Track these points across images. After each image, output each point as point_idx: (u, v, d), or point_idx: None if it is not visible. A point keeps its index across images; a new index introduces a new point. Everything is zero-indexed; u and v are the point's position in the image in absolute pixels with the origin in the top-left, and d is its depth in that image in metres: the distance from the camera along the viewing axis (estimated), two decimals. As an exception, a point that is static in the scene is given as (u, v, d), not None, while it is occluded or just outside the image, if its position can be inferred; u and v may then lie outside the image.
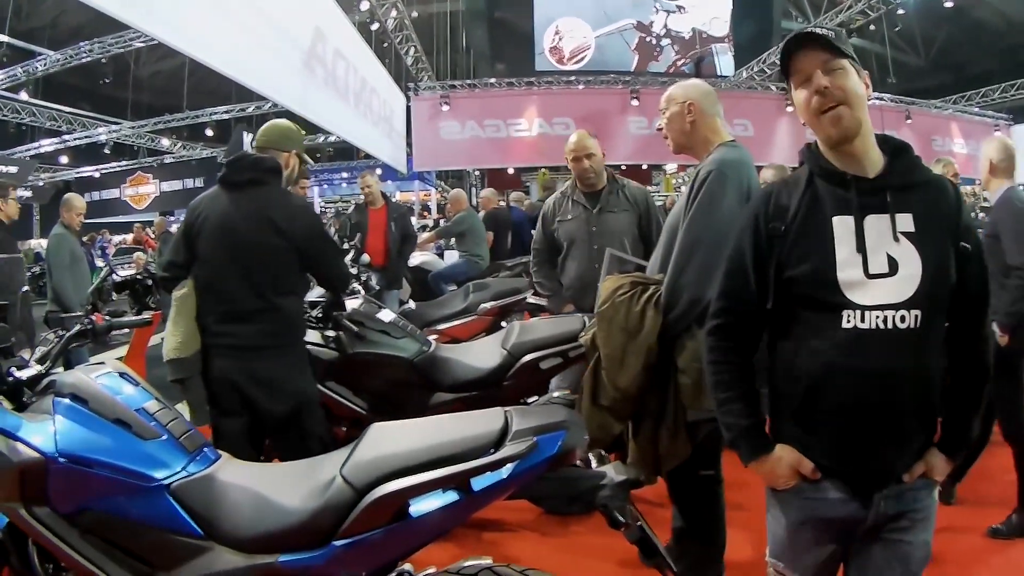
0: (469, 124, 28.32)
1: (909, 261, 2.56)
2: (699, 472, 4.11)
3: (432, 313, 8.37)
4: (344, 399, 5.41)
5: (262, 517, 2.60)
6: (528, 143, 29.10)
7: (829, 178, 2.69)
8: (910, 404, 2.61)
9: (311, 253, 4.63)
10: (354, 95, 19.46)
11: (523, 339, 5.40)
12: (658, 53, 36.90)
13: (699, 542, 4.29)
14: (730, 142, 4.18)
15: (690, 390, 3.75)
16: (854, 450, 2.64)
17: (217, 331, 4.49)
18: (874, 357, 2.54)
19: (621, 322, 3.85)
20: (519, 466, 2.52)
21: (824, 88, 2.60)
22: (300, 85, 14.92)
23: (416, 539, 2.63)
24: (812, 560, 2.84)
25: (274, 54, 13.52)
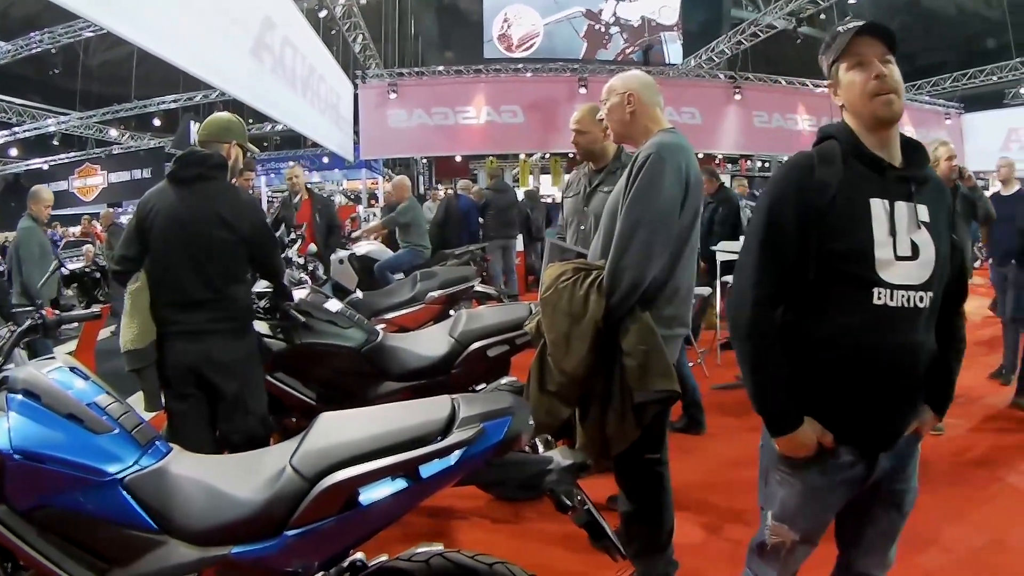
0: (417, 112, 28.14)
1: (927, 248, 2.77)
2: (645, 455, 4.15)
3: (380, 302, 8.37)
4: (293, 389, 5.43)
5: (214, 509, 2.59)
6: (476, 131, 29.05)
7: (866, 161, 2.83)
8: (917, 375, 2.86)
9: (257, 247, 4.77)
10: (302, 83, 19.30)
11: (470, 327, 5.45)
12: (607, 41, 36.90)
13: (647, 525, 4.31)
14: (669, 129, 4.21)
15: (636, 372, 3.75)
16: (875, 415, 2.85)
17: (172, 320, 4.61)
18: (899, 332, 2.77)
19: (565, 307, 3.87)
20: (466, 452, 2.55)
21: (884, 75, 2.78)
22: (248, 73, 14.81)
23: (367, 527, 2.63)
24: (818, 522, 3.04)
25: (223, 42, 13.39)
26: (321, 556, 2.66)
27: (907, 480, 3.03)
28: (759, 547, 3.17)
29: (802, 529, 3.02)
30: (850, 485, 2.93)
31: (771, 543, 3.09)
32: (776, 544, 3.07)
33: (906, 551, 4.81)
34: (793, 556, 3.09)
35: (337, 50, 26.38)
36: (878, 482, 2.94)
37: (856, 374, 2.79)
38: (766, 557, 3.14)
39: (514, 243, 15.75)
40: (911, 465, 3.04)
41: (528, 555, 4.71)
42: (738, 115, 30.09)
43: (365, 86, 28.15)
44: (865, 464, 2.89)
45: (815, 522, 3.03)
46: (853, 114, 2.89)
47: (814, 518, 3.02)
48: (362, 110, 28.14)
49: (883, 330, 2.73)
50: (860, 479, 2.92)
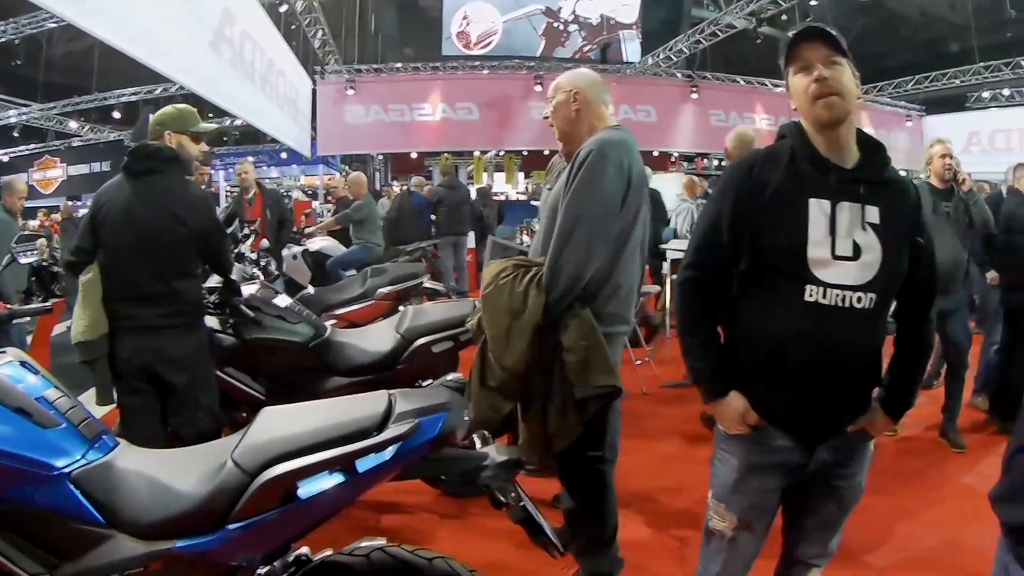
0: (374, 108, 28.11)
1: (871, 249, 2.79)
2: (586, 452, 4.16)
3: (330, 298, 8.38)
4: (243, 384, 5.42)
5: (159, 503, 2.58)
6: (431, 128, 29.01)
7: (811, 161, 2.87)
8: (858, 372, 2.92)
9: (207, 242, 4.79)
10: (260, 77, 19.17)
11: (416, 323, 5.45)
12: (565, 39, 36.89)
13: (590, 522, 4.34)
14: (614, 126, 4.23)
15: (576, 367, 3.78)
16: (806, 407, 2.91)
17: (123, 314, 4.63)
18: (831, 330, 2.79)
19: (505, 304, 3.88)
20: (402, 447, 2.56)
21: (824, 78, 2.79)
22: (207, 67, 14.69)
23: (307, 520, 2.64)
24: (753, 502, 3.07)
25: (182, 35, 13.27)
26: (263, 549, 2.66)
27: (850, 477, 3.05)
28: (705, 534, 3.22)
29: (738, 509, 3.06)
30: (787, 470, 2.98)
31: (712, 526, 3.15)
32: (718, 528, 3.13)
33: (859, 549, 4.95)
34: (736, 545, 3.12)
35: (297, 45, 26.25)
36: (818, 473, 2.98)
37: (787, 364, 2.85)
38: (711, 542, 3.19)
39: (465, 240, 15.79)
40: (857, 463, 3.06)
41: (474, 551, 4.75)
42: (695, 114, 30.24)
43: (323, 82, 28.03)
44: (802, 452, 2.94)
45: (750, 502, 3.06)
46: (802, 116, 2.94)
47: (748, 497, 3.05)
48: (320, 106, 28.01)
49: (814, 326, 2.77)
50: (797, 466, 2.96)
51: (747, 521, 3.08)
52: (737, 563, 3.18)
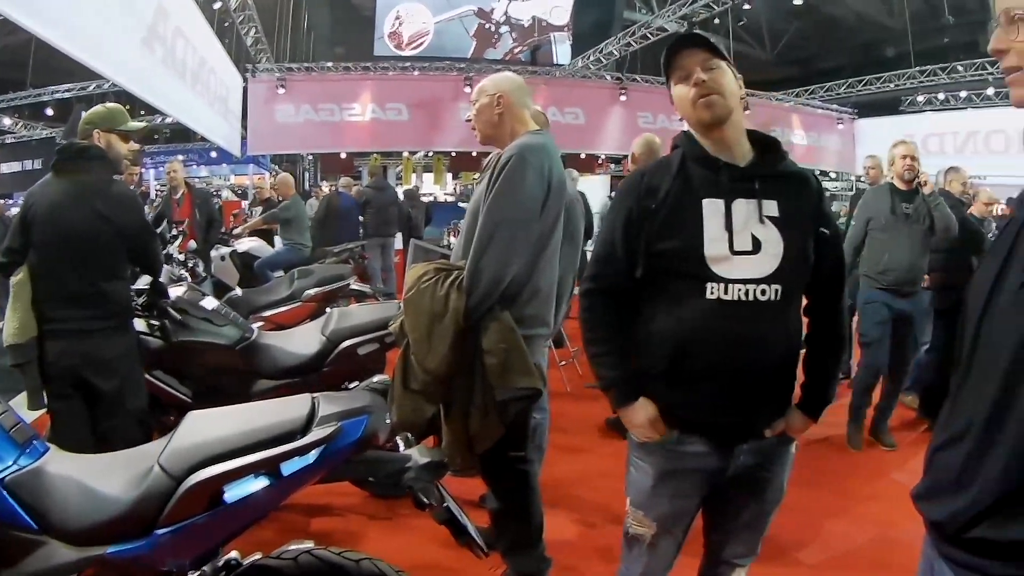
0: (304, 108, 27.79)
1: (772, 242, 2.82)
2: (509, 453, 4.20)
3: (258, 300, 8.36)
4: (170, 387, 5.38)
5: (89, 509, 2.56)
6: (361, 128, 28.81)
7: (702, 163, 2.92)
8: (769, 368, 2.89)
9: (134, 241, 4.76)
10: (192, 75, 18.83)
11: (341, 325, 5.47)
12: (496, 40, 36.83)
13: (516, 522, 4.39)
14: (536, 131, 4.27)
15: (496, 370, 3.82)
16: (718, 408, 2.89)
17: (52, 316, 4.58)
18: (736, 325, 2.80)
19: (427, 307, 3.90)
20: (325, 450, 2.59)
21: (702, 81, 2.84)
22: (139, 64, 14.40)
23: (234, 524, 2.65)
24: (672, 508, 3.08)
25: (116, 32, 13.00)
26: (192, 554, 2.66)
27: (772, 479, 3.07)
28: (625, 538, 3.23)
29: (657, 516, 3.09)
30: (704, 475, 3.00)
31: (632, 532, 3.17)
32: (638, 534, 3.14)
33: (788, 546, 5.04)
34: (656, 549, 3.15)
35: (230, 43, 25.85)
36: (738, 476, 2.99)
37: (694, 365, 2.85)
38: (631, 548, 3.21)
39: (393, 241, 15.70)
40: (778, 465, 3.08)
41: (402, 552, 4.77)
42: (623, 116, 30.28)
43: (255, 80, 27.63)
44: (719, 455, 2.95)
45: (670, 509, 3.08)
46: (688, 123, 3.00)
47: (667, 506, 3.07)
48: (251, 104, 27.61)
49: (718, 324, 2.79)
50: (715, 470, 2.97)
51: (667, 526, 3.11)
52: (659, 564, 3.21)
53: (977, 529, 1.74)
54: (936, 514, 1.89)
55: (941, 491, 1.88)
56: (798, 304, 2.98)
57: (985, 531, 1.73)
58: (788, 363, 2.96)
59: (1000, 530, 1.70)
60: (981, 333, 1.80)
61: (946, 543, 1.86)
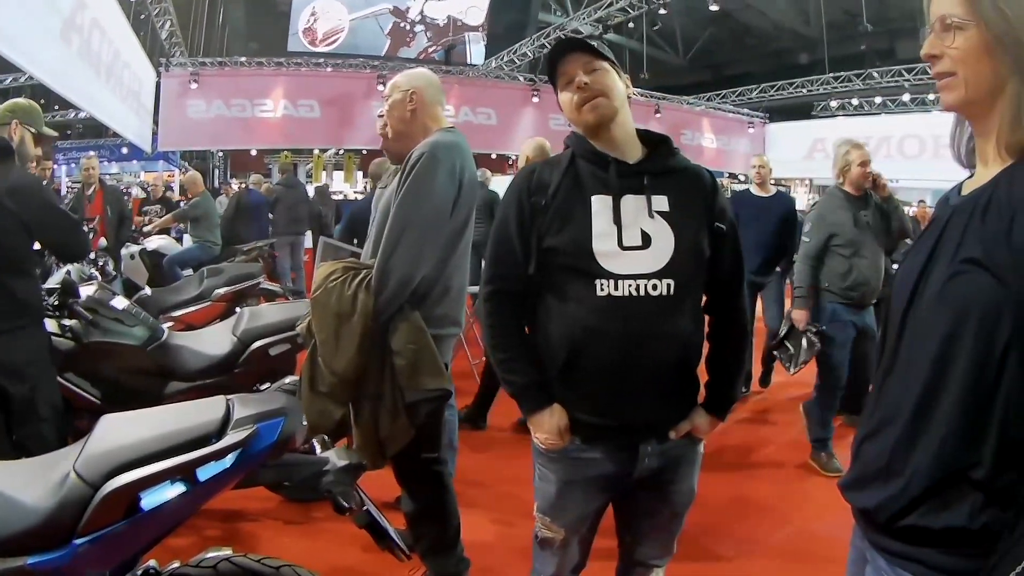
0: (216, 103, 27.35)
1: (662, 236, 2.80)
2: (422, 455, 4.18)
3: (168, 299, 8.21)
4: (81, 390, 5.20)
5: (7, 518, 2.44)
6: (273, 124, 28.52)
7: (592, 159, 2.91)
8: (666, 364, 2.86)
9: (39, 225, 4.49)
10: (106, 69, 18.32)
11: (252, 325, 5.40)
12: (411, 39, 36.79)
13: (432, 524, 4.36)
14: (448, 128, 4.26)
15: (406, 371, 3.80)
16: (617, 407, 2.85)
17: None
18: (628, 321, 2.76)
19: (334, 307, 3.86)
20: (242, 454, 2.52)
21: (584, 84, 2.83)
22: (55, 57, 13.98)
23: (152, 532, 2.59)
24: (579, 513, 3.07)
25: (35, 22, 12.64)
26: (111, 564, 2.59)
27: (680, 481, 3.06)
28: (535, 540, 3.22)
29: (565, 522, 3.08)
30: (607, 480, 2.98)
31: (542, 536, 3.16)
32: (547, 538, 3.13)
33: (709, 542, 5.08)
34: (567, 551, 3.15)
35: (145, 35, 25.48)
36: (645, 480, 2.98)
37: (589, 363, 2.83)
38: (543, 549, 3.20)
39: (303, 239, 15.66)
40: (686, 467, 3.06)
41: (320, 556, 4.80)
42: (535, 117, 30.39)
43: (168, 74, 27.09)
44: (624, 460, 2.92)
45: (577, 514, 3.07)
46: (576, 127, 3.00)
47: (573, 511, 3.06)
48: (163, 99, 27.02)
49: (611, 320, 2.76)
50: (619, 475, 2.95)
51: (575, 529, 3.11)
52: (570, 562, 3.21)
53: (910, 517, 1.77)
54: (865, 502, 1.92)
55: (870, 480, 1.90)
56: (694, 301, 2.95)
57: (918, 519, 1.76)
58: (686, 361, 2.94)
59: (933, 517, 1.73)
60: (907, 324, 1.83)
61: (878, 532, 1.90)
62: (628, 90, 2.97)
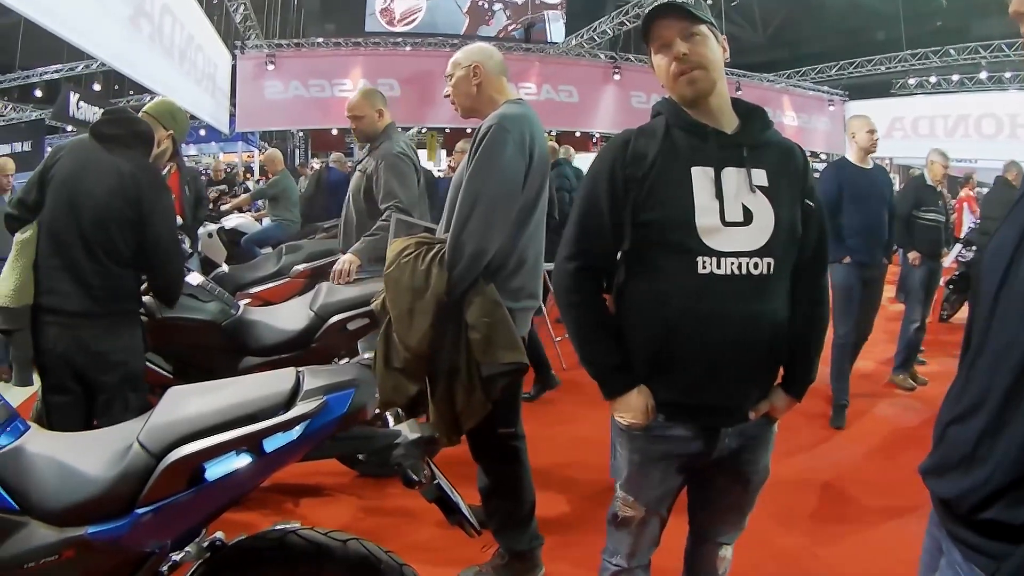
0: (293, 84, 27.65)
1: (763, 213, 2.71)
2: (498, 430, 4.17)
3: (245, 276, 8.26)
4: (155, 365, 5.25)
5: (69, 488, 2.49)
6: (351, 103, 28.54)
7: (689, 129, 2.80)
8: (761, 346, 2.79)
9: (148, 236, 4.39)
10: (179, 53, 18.68)
11: (329, 300, 5.37)
12: (489, 17, 36.92)
13: (506, 500, 4.34)
14: (515, 100, 4.21)
15: (481, 345, 3.77)
16: (707, 389, 2.79)
17: (50, 287, 4.25)
18: (728, 301, 2.68)
19: (407, 282, 3.85)
20: (309, 426, 2.50)
21: (683, 55, 2.71)
22: (126, 43, 14.26)
23: (215, 502, 2.59)
24: (661, 492, 3.02)
25: (102, 10, 12.86)
26: (173, 533, 2.60)
27: (755, 460, 3.02)
28: (612, 518, 3.18)
29: (646, 500, 3.03)
30: (689, 459, 2.93)
31: (621, 515, 3.11)
32: (626, 517, 3.09)
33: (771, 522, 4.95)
34: (645, 529, 3.10)
35: (219, 20, 25.84)
36: (723, 459, 2.93)
37: (683, 344, 2.75)
38: (619, 529, 3.15)
39: (410, 216, 15.48)
40: (762, 447, 3.02)
41: (390, 531, 4.82)
42: (616, 95, 30.27)
43: (243, 57, 27.48)
44: (704, 440, 2.87)
45: (657, 493, 3.02)
46: (671, 94, 2.88)
47: (654, 489, 3.01)
48: (239, 81, 27.46)
49: (711, 299, 2.68)
50: (699, 454, 2.90)
51: (655, 509, 3.06)
52: (645, 542, 3.16)
53: (991, 510, 1.67)
54: (945, 491, 1.84)
55: (951, 467, 1.82)
56: (787, 280, 2.87)
57: (998, 513, 1.66)
58: (777, 342, 2.85)
59: (1014, 512, 1.63)
60: (999, 305, 1.71)
61: (955, 523, 1.80)
62: (724, 54, 2.85)
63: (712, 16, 2.79)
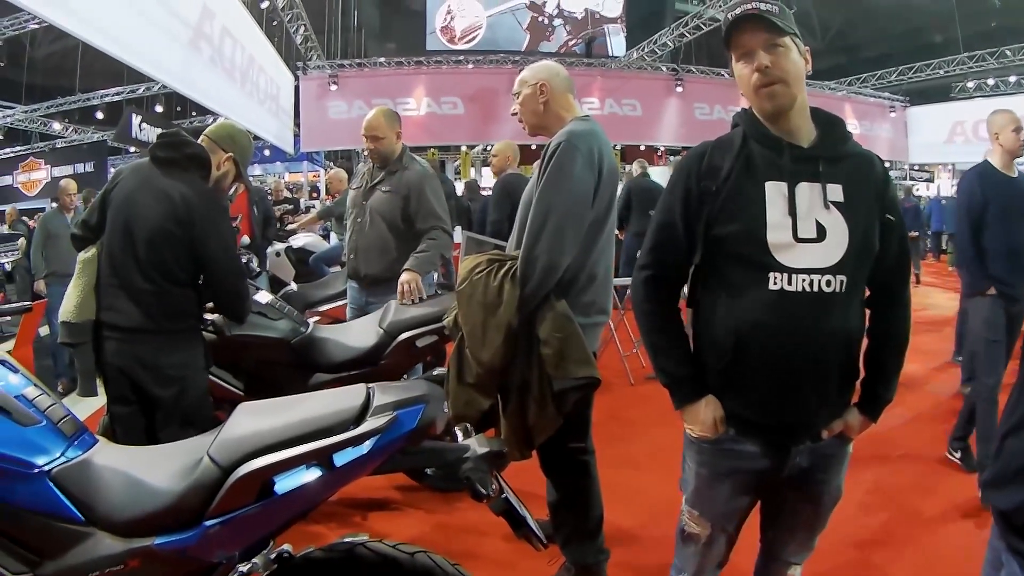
0: (357, 103, 27.68)
1: (837, 229, 2.67)
2: (569, 444, 4.18)
3: (313, 294, 8.33)
4: (224, 382, 5.34)
5: (136, 500, 2.55)
6: (416, 122, 28.61)
7: (765, 142, 2.78)
8: (832, 364, 2.74)
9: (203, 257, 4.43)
10: (240, 74, 19.00)
11: (399, 318, 5.40)
12: (550, 33, 36.95)
13: (574, 513, 4.34)
14: (583, 116, 4.22)
15: (553, 360, 3.77)
16: (777, 406, 2.77)
17: (108, 304, 4.35)
18: (800, 318, 2.65)
19: (480, 298, 3.87)
20: (380, 440, 2.53)
21: (765, 67, 2.68)
22: (186, 65, 14.57)
23: (284, 515, 2.62)
24: (728, 508, 3.00)
25: (160, 32, 13.15)
26: (241, 545, 2.64)
27: (827, 482, 2.96)
28: (679, 534, 3.16)
29: (712, 516, 3.01)
30: (759, 475, 2.90)
31: (687, 531, 3.09)
32: (693, 532, 3.07)
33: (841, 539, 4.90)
34: (712, 548, 3.08)
35: (279, 41, 26.14)
36: (794, 478, 2.89)
37: (754, 359, 2.73)
38: (686, 545, 3.13)
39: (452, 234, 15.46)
40: (835, 468, 2.96)
41: (458, 544, 4.84)
42: (679, 107, 30.25)
43: (306, 78, 27.92)
44: (773, 457, 2.84)
45: (724, 509, 3.00)
46: (750, 104, 2.88)
47: (722, 505, 2.99)
48: (303, 102, 27.88)
49: (782, 316, 2.65)
50: (768, 471, 2.87)
51: (721, 525, 3.04)
52: (713, 560, 3.14)
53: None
54: (1004, 503, 1.82)
55: (1010, 478, 1.79)
56: (862, 297, 2.84)
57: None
58: (850, 360, 2.80)
59: None
60: None
61: (1014, 535, 1.78)
62: (807, 66, 2.80)
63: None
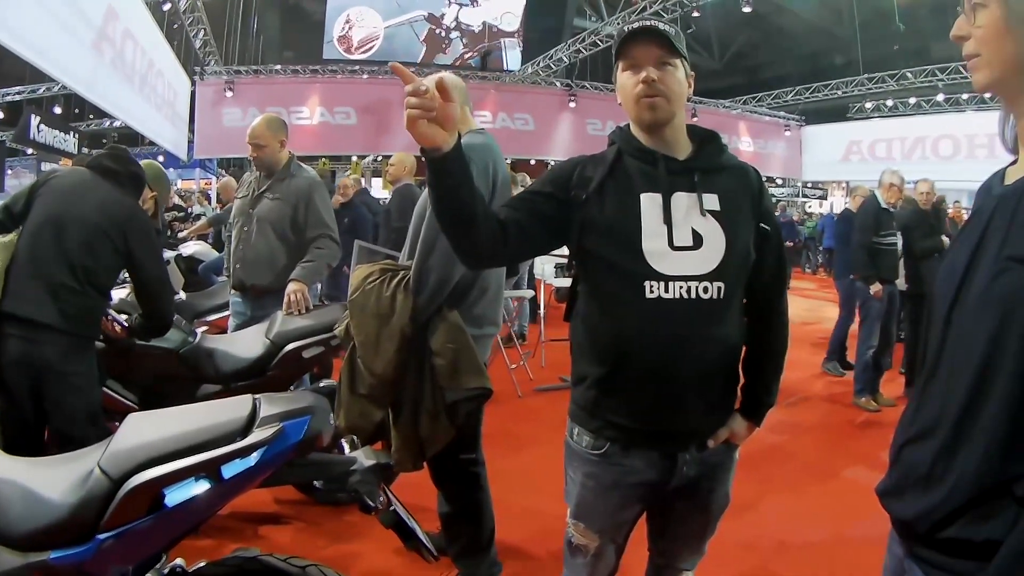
0: (252, 111, 27.00)
1: (714, 236, 2.67)
2: (460, 456, 4.19)
3: (202, 304, 8.18)
4: (115, 393, 5.22)
5: (31, 513, 2.48)
6: (309, 131, 28.68)
7: (640, 156, 2.78)
8: (713, 370, 2.74)
9: (138, 268, 4.60)
10: (140, 78, 18.74)
11: (285, 328, 5.36)
12: (446, 45, 37.02)
13: (467, 526, 4.35)
14: (477, 130, 4.23)
15: (446, 371, 3.79)
16: (660, 413, 2.73)
17: (18, 292, 4.26)
18: (677, 325, 2.62)
19: (372, 308, 3.87)
20: (267, 452, 2.53)
21: (652, 80, 2.68)
22: (88, 67, 14.34)
23: (176, 528, 2.59)
24: (616, 520, 2.97)
25: (65, 33, 12.92)
26: (134, 559, 2.60)
27: (715, 488, 2.96)
28: (567, 546, 3.13)
29: (599, 528, 2.98)
30: (645, 488, 2.87)
31: (575, 542, 3.06)
32: (580, 544, 3.04)
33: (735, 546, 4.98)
34: (601, 559, 3.05)
35: (178, 45, 25.78)
36: (682, 487, 2.87)
37: (634, 367, 2.68)
38: (574, 556, 3.11)
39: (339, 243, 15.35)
40: (721, 474, 2.95)
41: (349, 558, 4.79)
42: (572, 122, 30.56)
43: (203, 83, 27.61)
44: (662, 468, 2.81)
45: (611, 521, 2.97)
46: (627, 114, 2.87)
47: (609, 517, 2.96)
48: (198, 108, 27.55)
49: (660, 324, 2.61)
50: (656, 483, 2.84)
51: (611, 536, 3.02)
52: (602, 572, 3.11)
53: (951, 528, 1.69)
54: (904, 512, 1.84)
55: (909, 488, 1.83)
56: (739, 304, 2.84)
57: (959, 531, 1.68)
58: (731, 367, 2.83)
59: (975, 529, 1.65)
60: (951, 325, 1.75)
61: (916, 542, 1.82)
62: (689, 91, 2.82)
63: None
